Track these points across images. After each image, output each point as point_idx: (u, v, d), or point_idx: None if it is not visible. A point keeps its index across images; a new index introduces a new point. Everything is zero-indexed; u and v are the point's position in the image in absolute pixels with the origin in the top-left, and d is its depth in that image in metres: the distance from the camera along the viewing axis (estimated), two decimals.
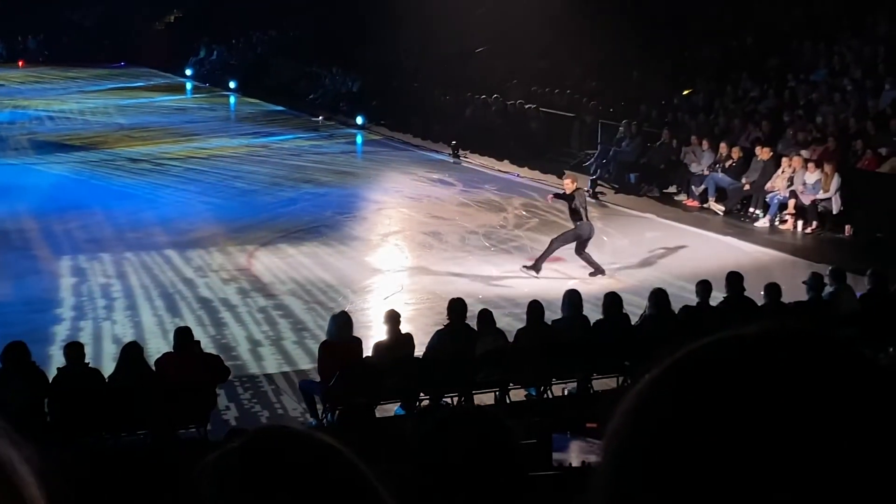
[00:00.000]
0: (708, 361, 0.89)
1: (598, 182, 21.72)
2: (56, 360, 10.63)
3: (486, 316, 10.99)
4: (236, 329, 13.25)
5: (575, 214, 15.24)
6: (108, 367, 10.21)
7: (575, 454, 7.35)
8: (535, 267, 15.26)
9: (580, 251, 15.29)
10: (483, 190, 22.19)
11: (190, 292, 14.64)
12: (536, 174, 23.55)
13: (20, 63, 47.24)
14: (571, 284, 13.35)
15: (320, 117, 32.40)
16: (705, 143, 20.77)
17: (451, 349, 10.59)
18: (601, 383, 11.03)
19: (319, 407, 10.25)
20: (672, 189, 21.37)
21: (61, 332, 12.71)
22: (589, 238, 15.33)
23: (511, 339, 10.92)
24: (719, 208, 19.84)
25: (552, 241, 15.46)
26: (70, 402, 9.27)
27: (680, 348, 0.90)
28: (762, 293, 11.52)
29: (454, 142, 25.97)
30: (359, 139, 29.61)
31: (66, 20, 49.13)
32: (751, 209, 19.43)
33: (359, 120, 30.73)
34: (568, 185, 15.40)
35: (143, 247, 16.88)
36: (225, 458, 1.61)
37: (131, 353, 9.72)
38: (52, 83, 40.71)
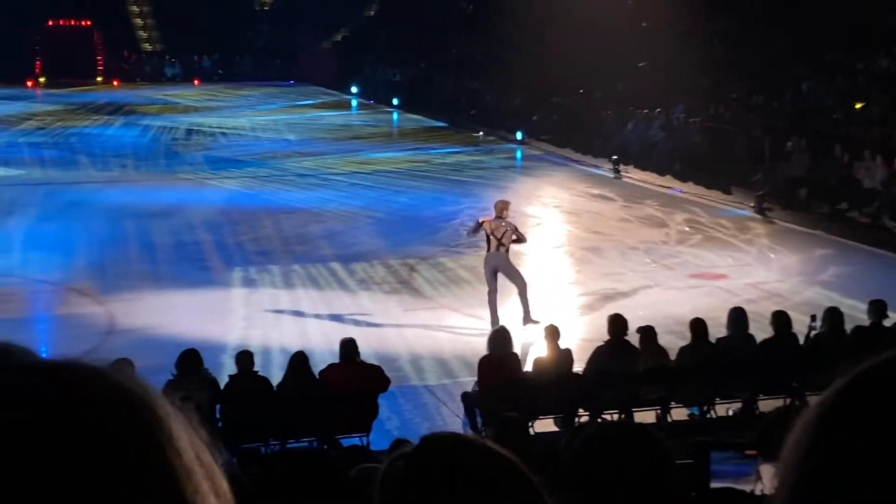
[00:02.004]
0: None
1: (766, 198, 21.19)
2: (228, 367, 11.03)
3: (647, 332, 10.87)
4: (397, 341, 13.46)
5: (488, 242, 13.71)
6: (275, 376, 10.54)
7: (735, 477, 7.20)
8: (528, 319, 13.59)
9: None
10: (644, 205, 21.96)
11: (354, 304, 14.96)
12: (700, 190, 23.15)
13: (196, 82, 49.26)
14: (735, 302, 13.08)
15: (480, 133, 32.66)
16: (879, 158, 20.03)
17: (611, 366, 10.52)
18: (767, 404, 10.76)
19: (479, 420, 10.33)
20: (843, 205, 20.65)
21: (232, 341, 13.17)
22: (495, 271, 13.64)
23: (673, 356, 10.76)
24: (894, 226, 19.08)
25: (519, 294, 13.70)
26: (240, 408, 9.61)
27: (858, 365, 0.89)
28: None
29: (615, 157, 25.78)
30: (518, 154, 29.72)
31: (240, 40, 50.94)
32: None
33: (518, 135, 30.84)
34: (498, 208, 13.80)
35: (309, 259, 17.34)
36: (397, 461, 1.68)
37: (298, 362, 10.01)
38: (225, 101, 42.26)
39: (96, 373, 0.77)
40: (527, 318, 13.59)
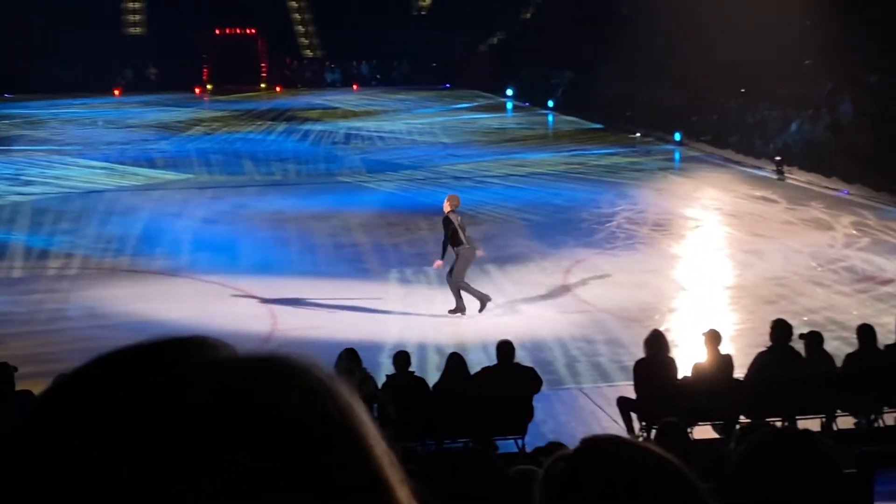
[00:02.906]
0: None
1: None
2: (385, 367, 11.20)
3: (813, 338, 10.54)
4: (553, 344, 13.42)
5: (454, 239, 13.98)
6: (431, 376, 10.64)
7: None
8: (459, 309, 14.19)
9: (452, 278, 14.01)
10: (809, 207, 21.31)
11: (509, 306, 14.95)
12: (868, 191, 22.32)
13: (354, 87, 50.24)
14: None
15: (638, 134, 32.27)
16: None
17: (774, 372, 10.24)
18: None
19: (636, 425, 10.21)
20: None
21: (389, 341, 13.36)
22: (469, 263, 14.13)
23: (839, 363, 10.41)
24: None
25: (449, 283, 14.18)
26: (396, 407, 9.74)
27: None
28: None
29: (778, 157, 25.09)
30: (676, 155, 29.24)
31: (397, 46, 51.69)
32: None
33: (676, 136, 30.34)
34: (445, 206, 14.15)
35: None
36: (557, 462, 1.67)
37: (455, 362, 10.09)
38: (382, 105, 42.95)
39: (296, 365, 0.79)
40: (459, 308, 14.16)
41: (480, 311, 14.26)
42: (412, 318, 14.51)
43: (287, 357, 0.80)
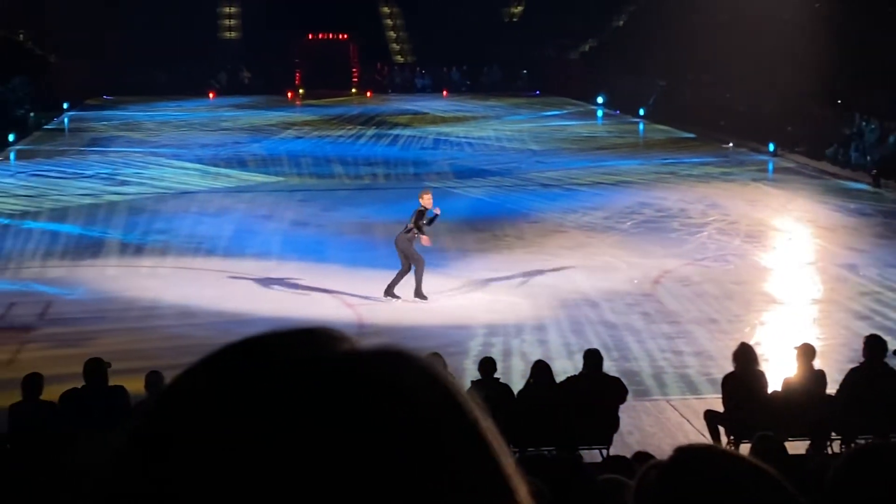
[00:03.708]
0: None
1: None
2: (470, 373, 11.20)
3: None
4: (640, 354, 13.29)
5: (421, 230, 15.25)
6: (516, 384, 10.61)
7: None
8: (419, 294, 15.25)
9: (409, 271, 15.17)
10: None
11: (595, 315, 14.87)
12: None
13: (444, 93, 50.43)
14: None
15: (730, 144, 31.82)
16: None
17: (867, 389, 9.99)
18: None
19: (724, 439, 10.05)
20: None
21: (475, 348, 13.36)
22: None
23: None
24: None
25: (414, 271, 15.22)
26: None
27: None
28: None
29: (874, 170, 24.53)
30: (770, 166, 28.77)
31: (488, 52, 51.74)
32: None
33: (770, 146, 29.85)
34: (427, 200, 15.58)
35: (551, 269, 17.36)
36: (651, 471, 1.64)
37: (540, 370, 10.04)
38: (472, 112, 43.03)
39: (418, 363, 0.80)
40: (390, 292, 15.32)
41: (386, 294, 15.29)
42: (497, 324, 14.49)
43: (410, 351, 0.80)
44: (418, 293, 15.23)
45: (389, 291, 15.31)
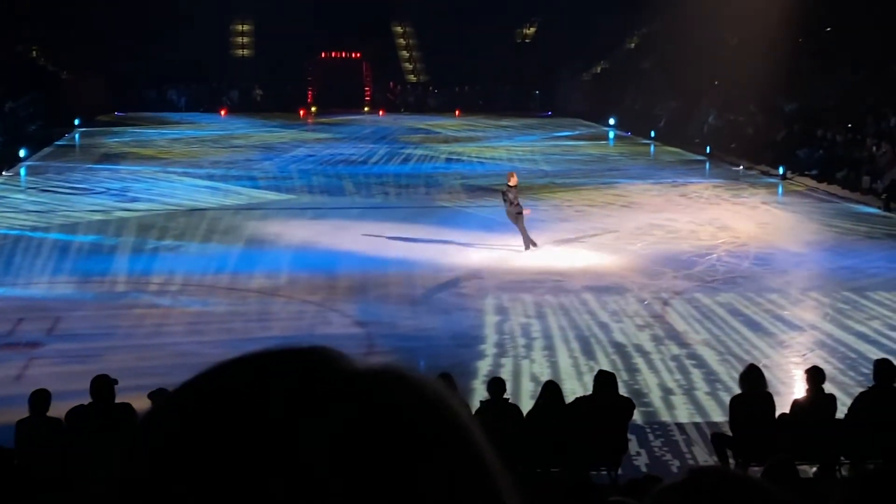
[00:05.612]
0: None
1: None
2: (479, 393, 11.17)
3: None
4: (649, 376, 13.25)
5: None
6: (525, 404, 10.57)
7: None
8: (527, 244, 19.49)
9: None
10: None
11: (605, 336, 14.84)
12: None
13: (457, 112, 50.51)
14: None
15: (741, 166, 31.80)
16: None
17: (876, 412, 9.94)
18: None
19: (731, 462, 9.99)
20: None
21: (483, 368, 13.33)
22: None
23: None
24: None
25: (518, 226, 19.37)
26: (489, 434, 9.69)
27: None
28: None
29: (885, 194, 24.47)
30: (780, 189, 28.72)
31: (501, 72, 51.82)
32: None
33: (780, 170, 29.81)
34: (514, 180, 19.60)
35: (561, 289, 17.35)
36: (664, 493, 1.63)
37: (550, 390, 10.00)
38: (484, 131, 43.07)
39: (418, 383, 0.79)
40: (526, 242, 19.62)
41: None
42: (507, 344, 14.46)
43: (408, 369, 0.80)
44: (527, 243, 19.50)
45: (527, 246, 19.48)
